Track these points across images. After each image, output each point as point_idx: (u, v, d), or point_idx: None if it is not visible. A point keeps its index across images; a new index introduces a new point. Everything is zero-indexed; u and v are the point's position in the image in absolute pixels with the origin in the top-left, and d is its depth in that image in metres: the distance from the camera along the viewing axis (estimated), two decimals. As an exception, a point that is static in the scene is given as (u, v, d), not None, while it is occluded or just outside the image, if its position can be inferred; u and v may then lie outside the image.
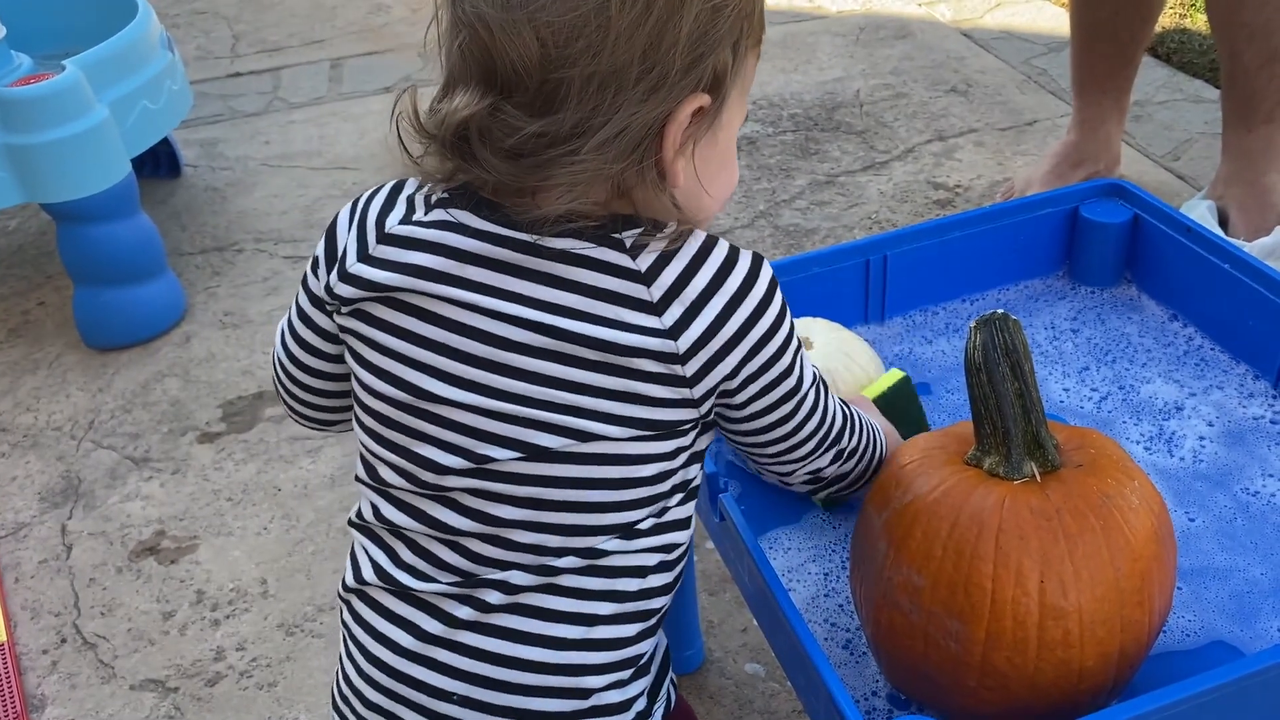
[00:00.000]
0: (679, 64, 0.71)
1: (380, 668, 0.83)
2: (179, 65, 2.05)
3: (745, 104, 0.81)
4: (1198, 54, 2.46)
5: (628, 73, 0.70)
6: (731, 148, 0.82)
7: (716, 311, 0.77)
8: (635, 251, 0.76)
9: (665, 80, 0.71)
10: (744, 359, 0.79)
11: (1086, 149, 1.99)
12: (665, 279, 0.76)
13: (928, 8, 2.84)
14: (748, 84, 0.80)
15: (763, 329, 0.79)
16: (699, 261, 0.77)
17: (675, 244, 0.77)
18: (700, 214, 0.81)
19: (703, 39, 0.72)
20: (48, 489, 1.65)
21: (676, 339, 0.76)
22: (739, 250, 0.80)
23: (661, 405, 0.78)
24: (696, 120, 0.74)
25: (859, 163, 2.24)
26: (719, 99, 0.75)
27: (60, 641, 1.42)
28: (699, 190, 0.79)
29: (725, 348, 0.78)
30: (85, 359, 1.89)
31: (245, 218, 2.23)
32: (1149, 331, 1.39)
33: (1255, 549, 1.12)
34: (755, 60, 0.81)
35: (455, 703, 0.80)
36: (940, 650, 0.90)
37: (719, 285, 0.77)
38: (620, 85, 0.70)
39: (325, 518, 1.56)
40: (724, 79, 0.75)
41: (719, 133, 0.78)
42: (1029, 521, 0.88)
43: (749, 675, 1.30)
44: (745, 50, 0.77)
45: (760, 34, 0.79)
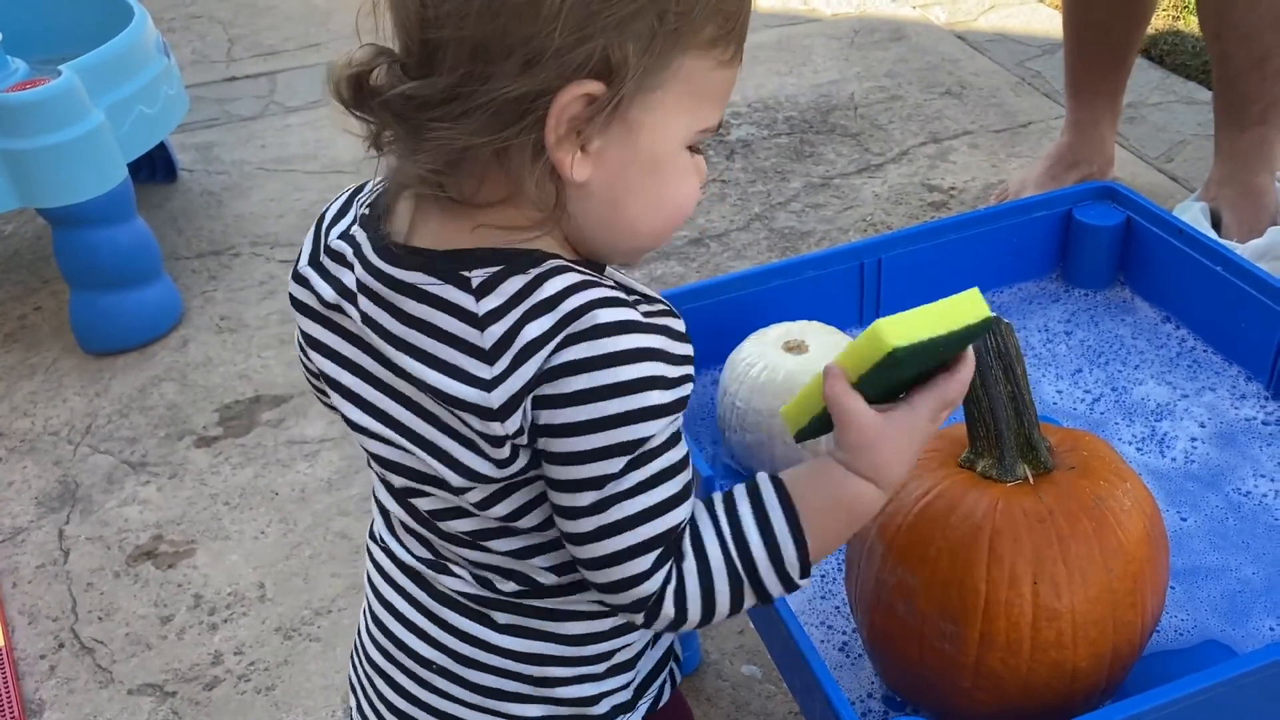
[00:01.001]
0: (558, 41, 0.66)
1: (379, 628, 0.87)
2: (175, 70, 2.06)
3: (697, 115, 0.73)
4: (1190, 56, 2.47)
5: (499, 41, 0.66)
6: (669, 161, 0.73)
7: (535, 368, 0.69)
8: (481, 292, 0.71)
9: (541, 57, 0.66)
10: (561, 429, 0.70)
11: (1080, 151, 2.00)
12: (502, 325, 0.70)
13: (922, 10, 2.85)
14: (700, 92, 0.72)
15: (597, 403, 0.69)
16: (544, 308, 0.70)
17: (531, 287, 0.70)
18: (627, 234, 0.75)
19: (591, 18, 0.66)
20: (45, 494, 1.65)
21: (490, 391, 0.70)
22: (605, 302, 0.70)
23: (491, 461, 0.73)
24: (589, 108, 0.68)
25: (854, 165, 2.24)
26: (616, 89, 0.68)
27: (58, 646, 1.43)
28: (617, 200, 0.72)
29: (540, 405, 0.70)
30: (82, 364, 1.89)
31: (241, 222, 2.23)
32: (1142, 333, 1.40)
33: (1247, 549, 1.12)
34: (715, 67, 0.72)
35: (435, 672, 0.83)
36: (935, 652, 0.90)
37: (555, 334, 0.69)
38: (491, 54, 0.67)
39: (323, 521, 1.56)
40: (622, 69, 0.68)
41: (638, 136, 0.71)
42: (1022, 523, 0.89)
43: (745, 677, 1.31)
44: (673, 48, 0.69)
45: (715, 37, 0.71)
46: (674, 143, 0.73)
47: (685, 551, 0.74)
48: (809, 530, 0.75)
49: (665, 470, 0.73)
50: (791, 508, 0.75)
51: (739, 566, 0.75)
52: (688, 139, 0.73)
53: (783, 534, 0.75)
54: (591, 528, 0.73)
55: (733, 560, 0.75)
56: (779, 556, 0.75)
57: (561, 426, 0.70)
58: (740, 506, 0.76)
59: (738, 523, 0.75)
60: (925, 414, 0.77)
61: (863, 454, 0.76)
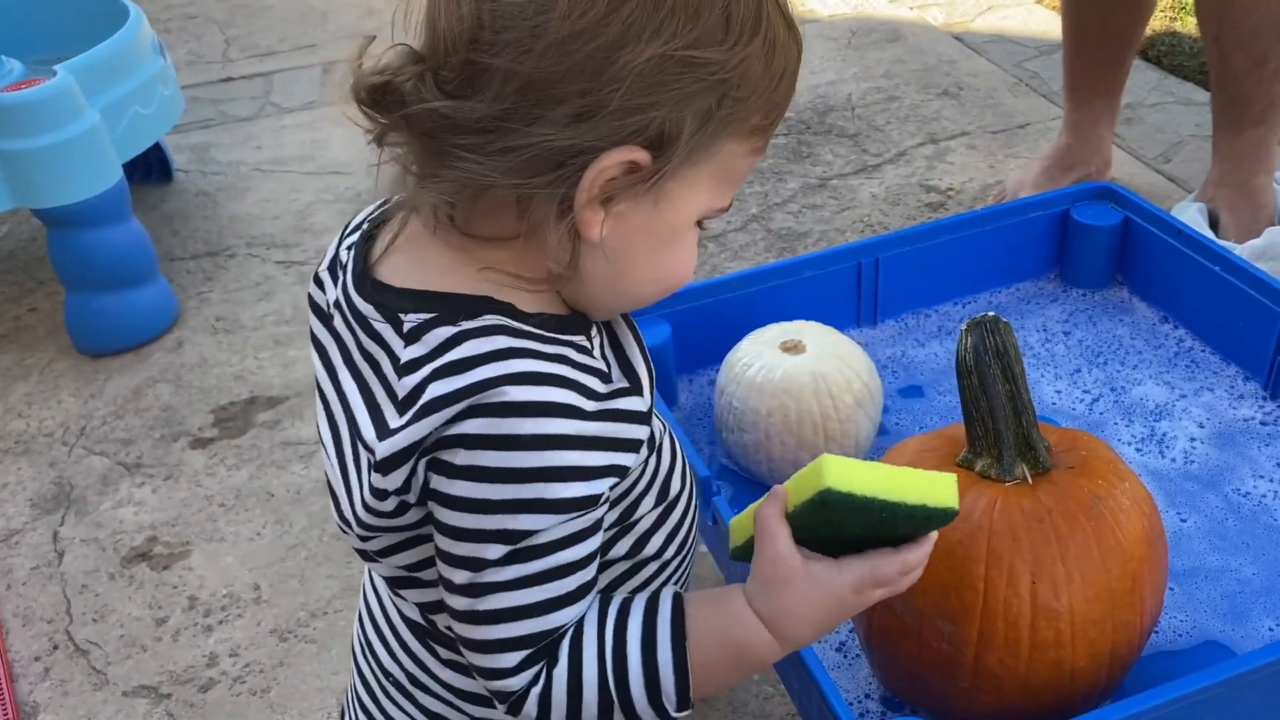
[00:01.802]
0: (617, 103, 0.63)
1: (360, 625, 0.88)
2: (171, 70, 2.05)
3: (717, 194, 0.71)
4: (1188, 57, 2.47)
5: (555, 86, 0.63)
6: (682, 234, 0.71)
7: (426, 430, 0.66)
8: (409, 338, 0.68)
9: (595, 114, 0.64)
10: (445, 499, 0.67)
11: (1078, 151, 1.99)
12: (415, 378, 0.67)
13: (919, 11, 2.84)
14: (726, 174, 0.71)
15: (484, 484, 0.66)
16: (455, 369, 0.66)
17: (452, 343, 0.67)
18: (625, 296, 0.73)
19: (657, 88, 0.64)
20: (39, 495, 1.65)
21: (382, 441, 0.67)
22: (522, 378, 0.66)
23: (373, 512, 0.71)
24: (628, 175, 0.66)
25: (851, 166, 2.24)
26: (662, 163, 0.66)
27: (52, 648, 1.42)
28: (624, 262, 0.70)
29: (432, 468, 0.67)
30: (77, 365, 1.88)
31: (237, 223, 2.22)
32: (1140, 333, 1.39)
33: (1247, 549, 1.12)
34: (746, 154, 0.71)
35: (392, 684, 0.84)
36: (933, 652, 0.90)
37: (458, 401, 0.65)
38: (542, 98, 0.63)
39: (318, 523, 1.56)
40: (673, 143, 0.66)
41: (663, 207, 0.68)
42: (1021, 523, 0.88)
43: (743, 678, 1.30)
44: (722, 131, 0.68)
45: (757, 126, 0.70)
46: (692, 217, 0.71)
47: (559, 657, 0.70)
48: (694, 664, 0.69)
49: (552, 570, 0.68)
50: (681, 636, 0.70)
51: (612, 687, 0.69)
52: (704, 214, 0.72)
53: (665, 663, 0.69)
54: (462, 608, 0.70)
55: (607, 679, 0.69)
56: (656, 685, 0.70)
57: (446, 497, 0.67)
58: (631, 621, 0.71)
59: (623, 640, 0.70)
60: (847, 581, 0.69)
61: (768, 592, 0.69)
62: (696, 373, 1.39)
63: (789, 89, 0.72)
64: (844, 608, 0.70)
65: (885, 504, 0.66)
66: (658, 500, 0.80)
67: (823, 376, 1.20)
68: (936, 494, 0.67)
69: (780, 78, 0.70)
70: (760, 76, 0.68)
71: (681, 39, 0.64)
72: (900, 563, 0.69)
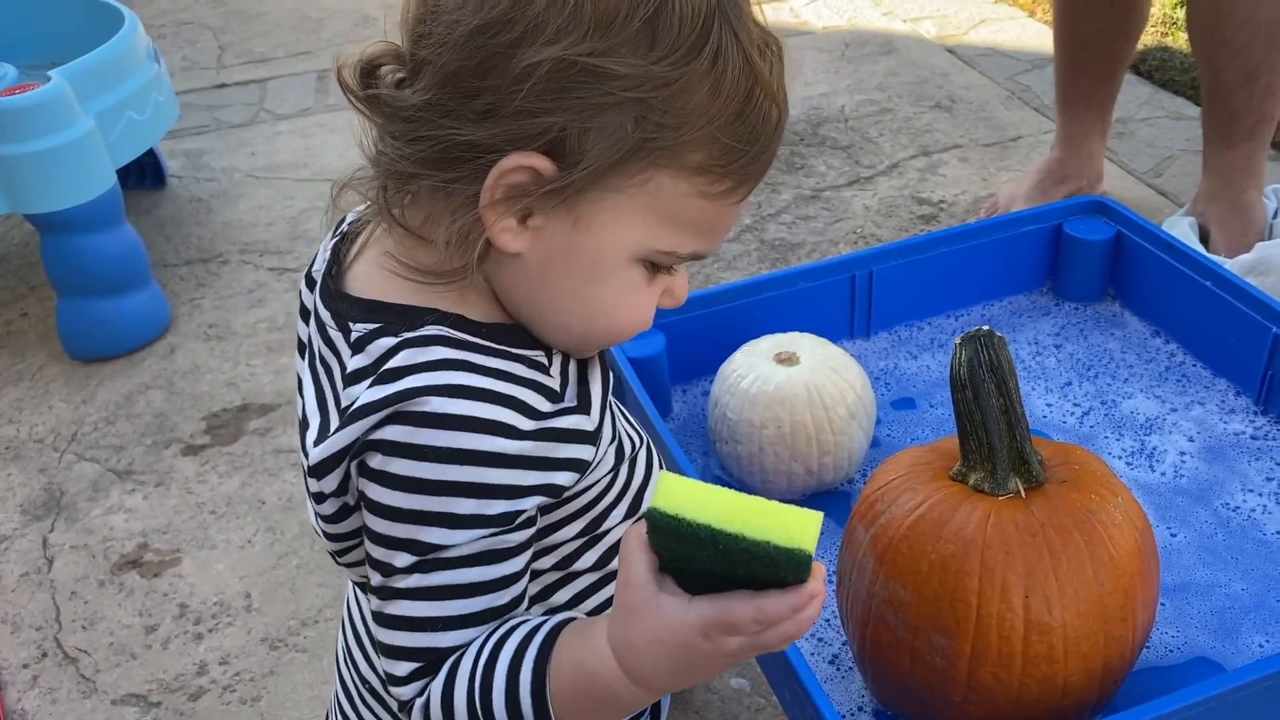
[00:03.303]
0: (519, 103, 0.62)
1: (343, 632, 0.89)
2: (165, 76, 2.05)
3: (659, 234, 0.67)
4: (1179, 71, 2.49)
5: (466, 82, 0.63)
6: (606, 265, 0.67)
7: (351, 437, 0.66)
8: (355, 348, 0.69)
9: (499, 113, 0.63)
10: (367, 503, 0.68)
11: (1070, 165, 2.00)
12: (359, 388, 0.67)
13: (912, 24, 2.86)
14: (668, 213, 0.66)
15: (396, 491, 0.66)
16: (386, 378, 0.66)
17: (391, 353, 0.67)
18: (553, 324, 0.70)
19: (558, 94, 0.62)
20: (29, 501, 1.64)
21: (315, 446, 0.69)
22: (449, 390, 0.65)
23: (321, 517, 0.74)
24: (535, 183, 0.64)
25: (844, 178, 2.25)
26: (566, 176, 0.64)
27: (41, 656, 1.41)
28: (547, 285, 0.68)
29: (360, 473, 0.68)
30: (68, 370, 1.88)
31: (230, 229, 2.22)
32: (1131, 347, 1.40)
33: (1236, 564, 1.12)
34: (693, 195, 0.66)
35: (367, 690, 0.85)
36: (926, 665, 0.90)
37: (383, 408, 0.65)
38: (457, 92, 0.64)
39: (309, 531, 1.55)
40: (577, 157, 0.63)
41: (581, 230, 0.66)
42: (1014, 537, 0.88)
43: (734, 690, 1.30)
44: (647, 159, 0.64)
45: (701, 164, 0.65)
46: (622, 252, 0.67)
47: (440, 672, 0.68)
48: (553, 692, 0.66)
49: (455, 587, 0.67)
50: (544, 662, 0.66)
51: (479, 711, 0.67)
52: (641, 254, 0.68)
53: (524, 687, 0.66)
54: (375, 608, 0.70)
55: (474, 700, 0.67)
56: (517, 712, 0.66)
57: (365, 498, 0.68)
58: (508, 643, 0.67)
59: (494, 662, 0.67)
60: (694, 619, 0.60)
61: (620, 620, 0.64)
62: (690, 384, 1.39)
63: (753, 134, 0.66)
64: (692, 653, 0.61)
65: (717, 534, 0.57)
66: (628, 513, 0.80)
67: (816, 388, 1.20)
68: (789, 533, 0.56)
69: (737, 117, 0.65)
70: (699, 106, 0.63)
71: (587, 45, 0.62)
72: (754, 610, 0.59)
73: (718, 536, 0.57)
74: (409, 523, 0.67)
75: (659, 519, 0.58)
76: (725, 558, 0.58)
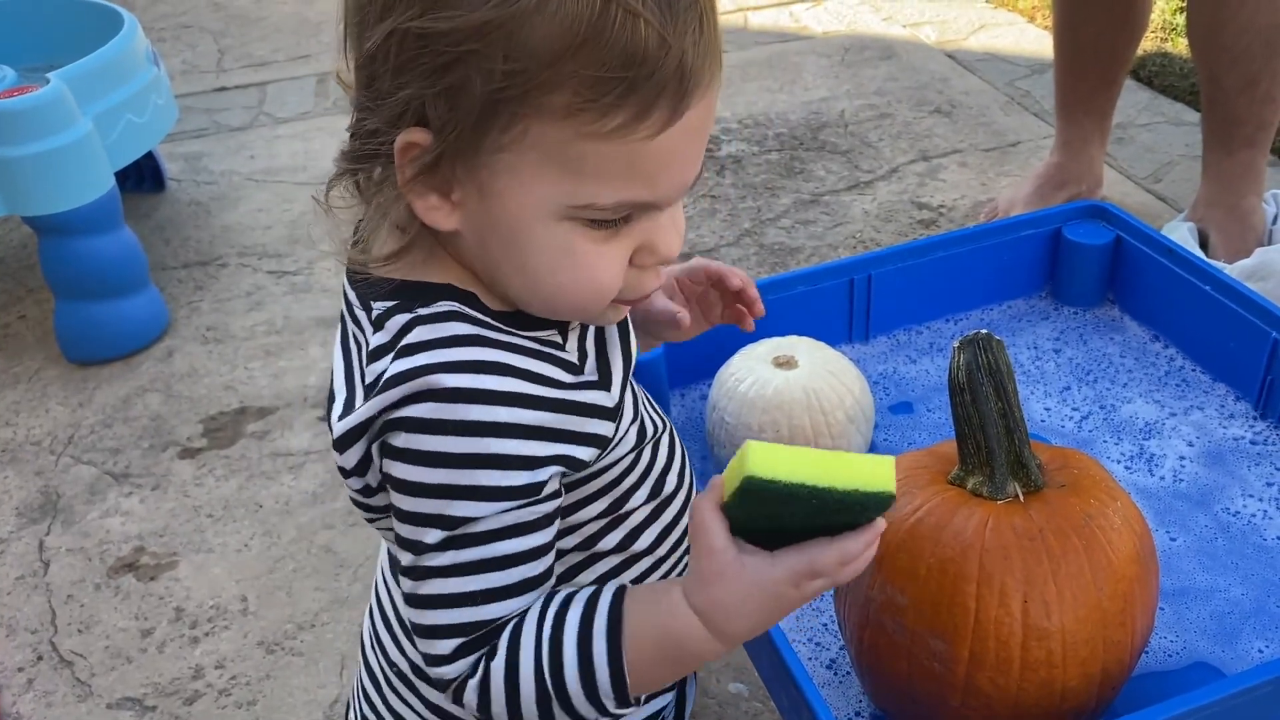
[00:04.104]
0: (385, 83, 0.63)
1: (369, 617, 0.88)
2: (164, 79, 2.05)
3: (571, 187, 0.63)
4: (1179, 77, 2.49)
5: (362, 71, 0.66)
6: (524, 229, 0.65)
7: (372, 411, 0.67)
8: (376, 325, 0.69)
9: (378, 95, 0.64)
10: (392, 481, 0.69)
11: (1069, 170, 2.00)
12: (380, 364, 0.68)
13: (912, 29, 2.86)
14: (567, 162, 0.62)
15: (420, 467, 0.67)
16: (403, 353, 0.67)
17: (407, 329, 0.68)
18: (523, 294, 0.69)
19: (405, 66, 0.62)
20: (26, 504, 1.63)
21: (338, 420, 0.70)
22: (459, 366, 0.66)
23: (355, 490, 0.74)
24: (421, 157, 0.64)
25: (843, 182, 2.25)
26: (439, 145, 0.63)
27: (36, 659, 1.41)
28: (492, 258, 0.68)
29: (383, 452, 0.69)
30: (66, 373, 1.88)
31: (229, 232, 2.22)
32: (1130, 352, 1.40)
33: (1236, 569, 1.12)
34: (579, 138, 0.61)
35: (395, 674, 0.84)
36: (924, 670, 0.90)
37: (401, 383, 0.66)
38: (360, 81, 0.66)
39: (307, 535, 1.55)
40: (439, 124, 0.62)
41: (488, 197, 0.64)
42: (1012, 541, 0.88)
43: (732, 695, 1.30)
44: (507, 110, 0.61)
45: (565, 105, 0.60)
46: (534, 213, 0.64)
47: (498, 650, 0.68)
48: (630, 660, 0.67)
49: (490, 560, 0.67)
50: (617, 629, 0.68)
51: (548, 681, 0.68)
52: (557, 212, 0.64)
53: (600, 660, 0.67)
54: (407, 589, 0.70)
55: (543, 673, 0.68)
56: (592, 680, 0.68)
57: (390, 478, 0.69)
58: (570, 614, 0.69)
59: (560, 633, 0.68)
60: (783, 572, 0.65)
61: (703, 587, 0.67)
62: (689, 388, 1.39)
63: (625, 59, 0.59)
64: (781, 602, 0.66)
65: (813, 490, 0.62)
66: (650, 495, 0.81)
67: (815, 392, 1.20)
68: (871, 478, 0.62)
69: (593, 43, 0.59)
70: (540, 43, 0.59)
71: (415, 9, 0.61)
72: (838, 552, 0.65)
73: (814, 492, 0.62)
74: (436, 497, 0.67)
75: (757, 485, 0.61)
76: (815, 510, 0.63)
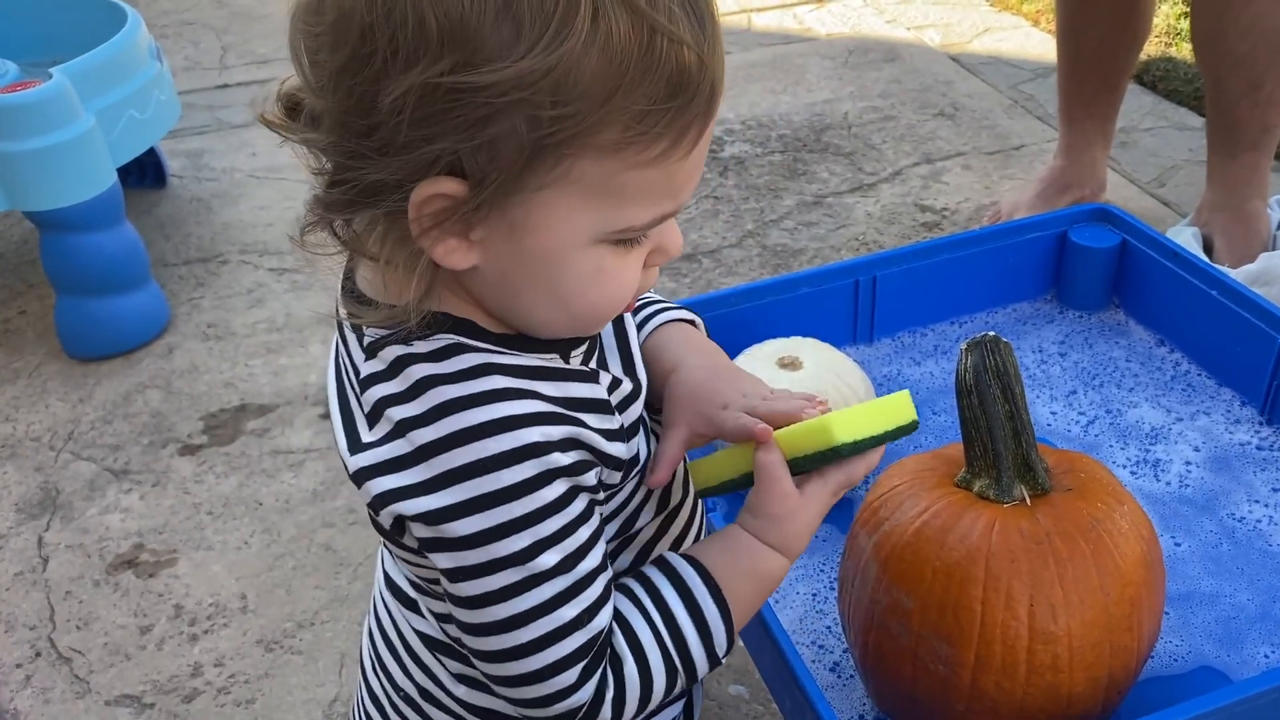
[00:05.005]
0: (404, 136, 0.59)
1: (370, 639, 0.88)
2: (167, 75, 2.04)
3: (609, 214, 0.62)
4: (1183, 82, 2.49)
5: (353, 123, 0.60)
6: (559, 258, 0.63)
7: (412, 448, 0.65)
8: (370, 352, 0.67)
9: (391, 147, 0.59)
10: (420, 517, 0.66)
11: (1073, 174, 2.00)
12: (374, 394, 0.66)
13: (916, 32, 2.86)
14: (607, 193, 0.61)
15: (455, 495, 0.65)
16: (426, 385, 0.65)
17: (400, 365, 0.66)
18: (537, 323, 0.68)
19: (434, 119, 0.58)
20: (25, 500, 1.63)
21: (354, 455, 0.67)
22: (497, 395, 0.65)
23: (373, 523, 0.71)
24: (449, 207, 0.61)
25: (847, 184, 2.24)
26: (478, 195, 0.60)
27: (35, 655, 1.40)
28: (513, 290, 0.66)
29: (405, 492, 0.66)
30: (66, 369, 1.87)
31: (230, 229, 2.22)
32: (1136, 356, 1.39)
33: (1242, 575, 1.12)
34: (625, 168, 0.60)
35: (402, 699, 0.83)
36: (929, 673, 0.89)
37: (436, 419, 0.64)
38: (351, 129, 0.60)
39: (307, 533, 1.54)
40: (478, 175, 0.59)
41: (521, 233, 0.62)
42: (1019, 545, 0.88)
43: (732, 697, 1.29)
44: (552, 153, 0.59)
45: (614, 141, 0.59)
46: (571, 243, 0.63)
47: (623, 655, 0.71)
48: (733, 607, 0.75)
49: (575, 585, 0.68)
50: (717, 589, 0.74)
51: (677, 662, 0.73)
52: (595, 237, 0.63)
53: (713, 618, 0.74)
54: (497, 647, 0.68)
55: (671, 657, 0.73)
56: (710, 641, 0.74)
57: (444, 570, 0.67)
58: (666, 595, 0.74)
59: (670, 615, 0.73)
60: (831, 488, 0.77)
61: (779, 524, 0.75)
62: (691, 388, 1.38)
63: (671, 88, 0.59)
64: (825, 510, 0.78)
65: (874, 439, 0.77)
66: (658, 510, 0.81)
67: (819, 394, 1.19)
68: (904, 413, 0.79)
69: (642, 77, 0.58)
70: (592, 83, 0.57)
71: (444, 63, 0.56)
72: (865, 465, 0.78)
73: (874, 440, 0.77)
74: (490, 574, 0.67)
75: (847, 449, 0.75)
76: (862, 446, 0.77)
